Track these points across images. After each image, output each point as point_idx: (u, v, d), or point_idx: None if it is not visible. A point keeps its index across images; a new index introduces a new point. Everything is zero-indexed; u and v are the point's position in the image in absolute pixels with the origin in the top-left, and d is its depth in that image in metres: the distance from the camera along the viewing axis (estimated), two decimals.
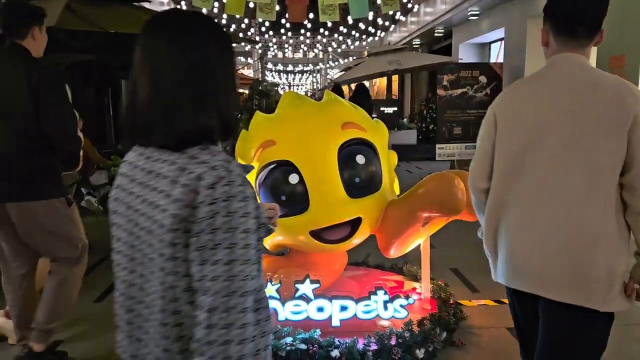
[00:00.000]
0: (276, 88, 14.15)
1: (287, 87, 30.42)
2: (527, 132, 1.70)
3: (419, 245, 3.24)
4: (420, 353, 2.75)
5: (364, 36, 20.37)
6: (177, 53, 1.06)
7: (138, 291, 1.10)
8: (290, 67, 30.10)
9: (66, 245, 2.77)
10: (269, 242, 3.26)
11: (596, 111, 1.62)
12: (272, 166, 2.94)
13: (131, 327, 1.13)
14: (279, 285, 2.98)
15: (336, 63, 25.92)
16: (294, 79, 33.65)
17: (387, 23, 18.29)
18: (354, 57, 23.53)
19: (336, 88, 9.97)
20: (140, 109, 1.07)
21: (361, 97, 9.15)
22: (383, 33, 20.82)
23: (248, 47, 21.81)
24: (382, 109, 14.36)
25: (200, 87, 1.06)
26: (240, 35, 15.66)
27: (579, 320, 1.65)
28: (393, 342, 2.74)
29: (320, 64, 26.87)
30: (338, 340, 2.71)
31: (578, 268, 1.62)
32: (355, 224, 2.95)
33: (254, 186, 3.04)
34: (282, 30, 18.85)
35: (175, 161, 1.05)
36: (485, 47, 13.36)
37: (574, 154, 1.63)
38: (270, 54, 24.21)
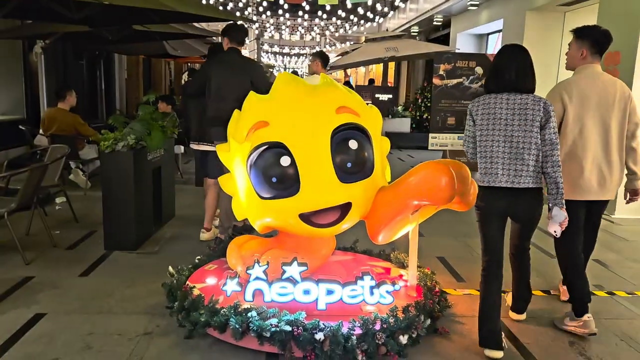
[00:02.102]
0: (271, 70, 14.03)
1: (282, 69, 30.16)
2: (584, 108, 3.15)
3: (408, 232, 3.25)
4: (404, 339, 2.77)
5: (362, 21, 20.20)
6: (526, 59, 2.85)
7: (512, 149, 2.78)
8: (286, 49, 29.81)
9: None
10: (257, 223, 3.25)
11: (616, 99, 3.18)
12: (264, 147, 2.92)
13: (510, 163, 2.79)
14: (267, 266, 2.98)
15: (333, 47, 25.73)
16: (289, 62, 33.35)
17: (385, 9, 18.14)
18: (351, 42, 23.35)
19: None
20: (510, 79, 2.79)
21: None
22: (381, 19, 20.65)
23: None
24: (377, 95, 14.27)
25: (532, 72, 2.83)
26: (238, 14, 15.47)
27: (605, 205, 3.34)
28: (377, 327, 2.76)
29: (317, 47, 26.64)
30: (323, 323, 2.72)
31: (614, 183, 3.25)
32: (345, 209, 2.95)
33: (244, 167, 3.03)
34: (280, 11, 18.63)
35: (527, 96, 2.78)
36: (483, 38, 13.33)
37: (608, 124, 3.18)
38: (266, 35, 23.94)
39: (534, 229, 3.05)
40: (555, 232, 2.85)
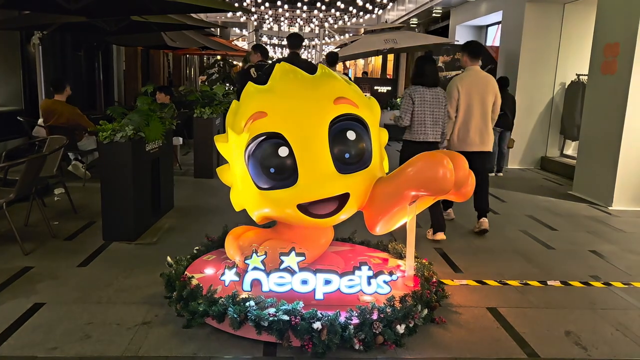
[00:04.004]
0: (270, 61, 13.97)
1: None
2: (470, 93, 4.89)
3: (405, 223, 3.26)
4: (401, 328, 2.79)
5: (361, 13, 20.12)
6: (437, 67, 5.57)
7: (434, 120, 4.61)
8: (285, 42, 29.69)
9: None
10: (255, 213, 3.26)
11: (488, 88, 4.97)
12: (262, 138, 2.92)
13: (433, 127, 4.61)
14: (265, 256, 2.99)
15: (332, 39, 25.63)
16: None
17: (385, 1, 18.07)
18: (351, 34, 23.27)
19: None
20: (431, 79, 4.63)
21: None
22: (380, 11, 20.58)
23: (243, 19, 21.47)
24: (376, 87, 14.23)
25: (439, 75, 5.17)
26: (236, 5, 15.39)
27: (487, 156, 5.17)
28: (375, 316, 2.77)
29: (315, 39, 26.53)
30: (320, 313, 2.73)
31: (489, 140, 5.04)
32: (343, 199, 2.96)
33: (242, 157, 3.03)
34: (279, 3, 18.55)
35: (438, 89, 4.63)
36: (482, 30, 13.28)
37: (484, 103, 4.96)
38: (265, 27, 23.83)
39: None
40: None
